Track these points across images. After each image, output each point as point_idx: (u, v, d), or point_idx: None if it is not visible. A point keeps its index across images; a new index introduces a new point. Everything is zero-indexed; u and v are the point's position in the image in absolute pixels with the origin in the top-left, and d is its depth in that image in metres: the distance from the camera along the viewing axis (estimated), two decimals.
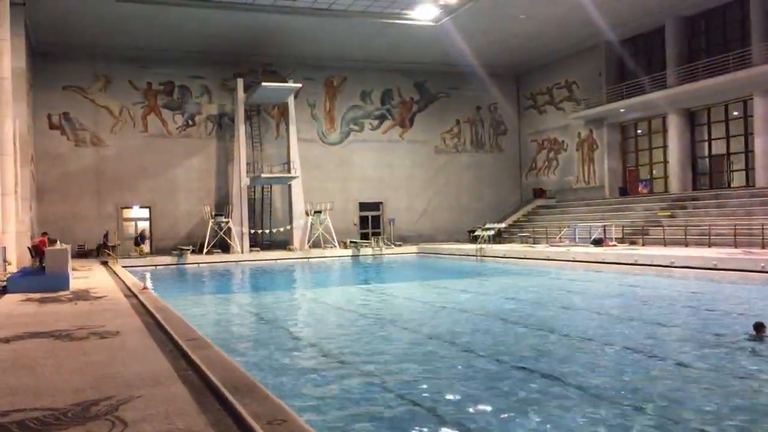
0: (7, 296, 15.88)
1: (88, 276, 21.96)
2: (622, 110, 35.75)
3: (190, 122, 38.73)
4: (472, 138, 44.36)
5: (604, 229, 30.14)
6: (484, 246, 31.87)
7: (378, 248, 37.00)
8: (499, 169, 44.80)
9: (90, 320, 11.21)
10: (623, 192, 37.40)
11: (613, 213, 34.16)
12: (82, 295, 15.50)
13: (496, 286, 21.76)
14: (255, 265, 34.41)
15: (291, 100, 37.39)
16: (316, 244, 37.28)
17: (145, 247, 36.36)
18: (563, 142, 41.16)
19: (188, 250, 34.34)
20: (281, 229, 37.15)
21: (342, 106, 41.72)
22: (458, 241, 42.38)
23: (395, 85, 42.71)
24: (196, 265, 34.10)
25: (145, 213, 38.27)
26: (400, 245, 38.27)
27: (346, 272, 30.48)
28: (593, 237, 29.47)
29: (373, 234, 42.09)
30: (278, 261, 35.42)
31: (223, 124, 39.28)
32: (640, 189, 36.81)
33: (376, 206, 42.39)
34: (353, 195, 41.14)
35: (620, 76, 37.34)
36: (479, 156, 44.49)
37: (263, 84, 33.52)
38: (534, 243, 34.39)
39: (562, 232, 32.72)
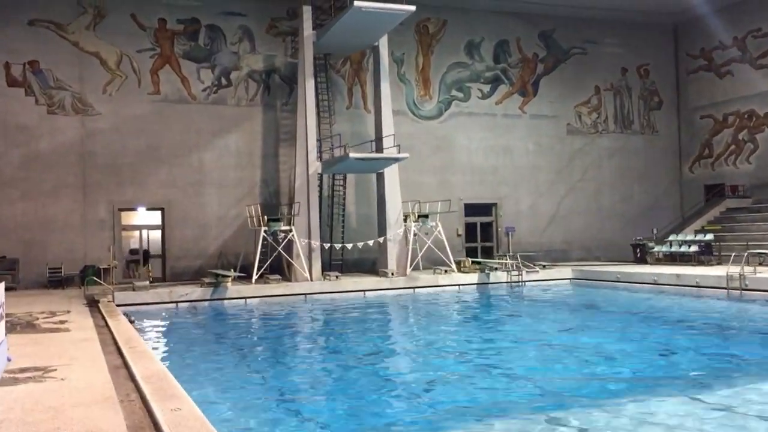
0: None
1: (46, 366, 8.60)
2: None
3: (224, 81, 25.65)
4: (616, 113, 31.41)
5: None
6: (747, 271, 18.69)
7: (516, 273, 23.93)
8: (653, 158, 31.82)
9: None
10: None
11: None
12: None
13: None
14: (337, 302, 21.36)
15: (384, 44, 24.31)
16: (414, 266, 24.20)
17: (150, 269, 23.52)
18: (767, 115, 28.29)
19: (229, 276, 21.15)
20: (369, 243, 23.94)
21: (440, 64, 28.72)
22: (599, 259, 29.45)
23: (513, 35, 29.78)
24: (242, 301, 21.00)
25: (156, 218, 25.08)
26: (544, 267, 25.15)
27: (528, 326, 17.30)
28: None
29: (483, 249, 29.08)
30: (369, 294, 22.37)
31: (273, 85, 26.21)
32: None
33: (486, 209, 29.34)
34: (456, 192, 28.02)
35: None
36: (626, 138, 31.52)
37: (356, 4, 20.23)
38: None
39: None
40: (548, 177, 30.05)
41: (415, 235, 24.13)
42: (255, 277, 21.97)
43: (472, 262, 24.72)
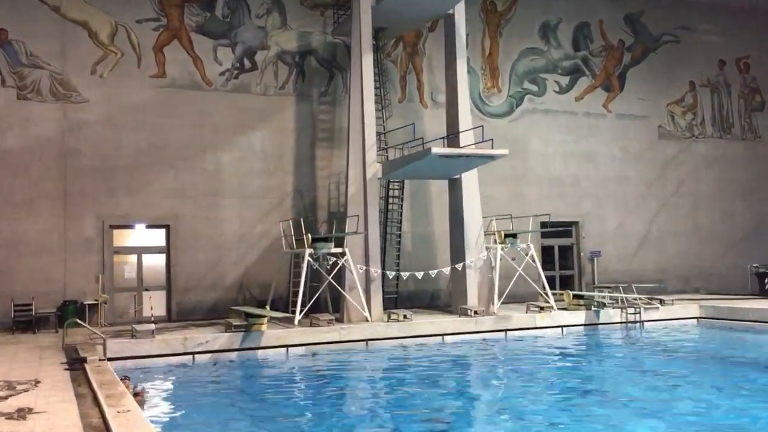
0: None
1: None
2: None
3: (247, 63, 20.06)
4: (713, 114, 26.08)
5: None
6: None
7: (633, 311, 18.32)
8: (756, 168, 26.43)
9: None
10: None
11: None
12: None
13: None
14: (410, 351, 15.70)
15: (460, 11, 18.80)
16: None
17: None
18: None
19: (264, 317, 15.29)
20: (445, 271, 18.21)
21: (511, 49, 23.32)
22: (698, 291, 23.98)
23: (595, 17, 24.48)
24: (282, 351, 15.22)
25: (159, 238, 19.24)
26: (663, 303, 19.41)
27: None
28: None
29: (562, 278, 23.45)
30: (449, 339, 16.66)
31: (308, 70, 20.70)
32: None
33: (565, 229, 23.68)
34: (531, 207, 22.27)
35: None
36: (726, 145, 26.15)
37: None
38: None
39: None
40: (638, 190, 24.56)
41: (501, 259, 18.46)
42: (298, 317, 16.13)
43: (574, 295, 19.01)
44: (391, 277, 18.18)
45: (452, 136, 18.21)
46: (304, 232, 16.81)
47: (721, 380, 12.24)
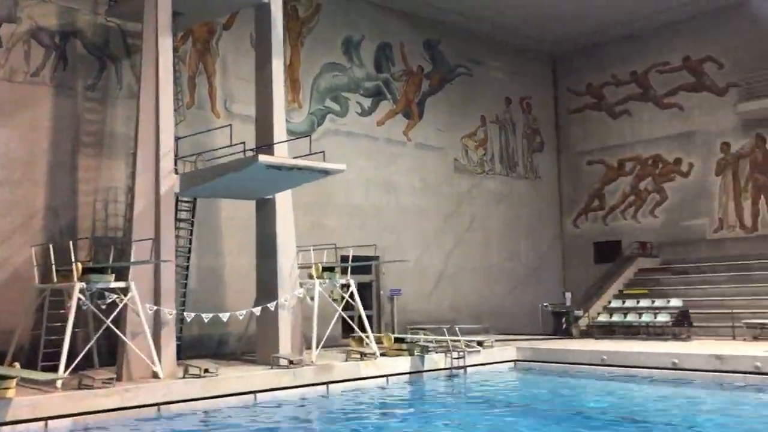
0: None
1: None
2: None
3: None
4: (501, 150, 25.91)
5: None
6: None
7: (457, 355, 16.49)
8: (537, 208, 26.75)
9: None
10: None
11: None
12: None
13: None
14: (212, 415, 12.21)
15: (278, 3, 15.83)
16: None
17: None
18: (679, 161, 24.59)
19: (11, 379, 10.72)
20: (255, 312, 14.75)
21: (313, 61, 20.90)
22: (487, 331, 23.04)
23: (397, 39, 23.07)
24: (39, 426, 10.76)
25: None
26: (482, 346, 17.77)
27: None
28: None
29: (359, 319, 21.04)
30: (262, 396, 13.31)
31: (72, 57, 16.29)
32: None
33: (365, 264, 21.42)
34: (332, 238, 19.61)
35: None
36: (511, 182, 26.07)
37: None
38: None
39: None
40: (435, 224, 23.34)
41: (312, 299, 15.62)
42: (63, 374, 11.68)
43: (395, 338, 16.70)
44: (189, 319, 14.28)
45: (265, 148, 15.03)
46: (73, 260, 12.45)
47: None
